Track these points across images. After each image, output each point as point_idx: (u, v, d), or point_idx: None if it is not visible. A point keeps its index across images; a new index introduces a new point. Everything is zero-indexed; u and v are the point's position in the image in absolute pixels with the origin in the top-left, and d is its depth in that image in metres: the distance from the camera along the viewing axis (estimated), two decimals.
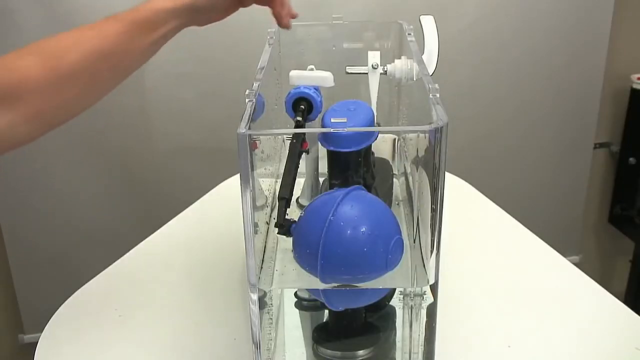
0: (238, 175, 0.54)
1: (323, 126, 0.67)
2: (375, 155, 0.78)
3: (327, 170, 0.68)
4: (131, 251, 0.98)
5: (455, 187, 1.18)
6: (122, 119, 1.59)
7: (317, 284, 0.58)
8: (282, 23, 0.81)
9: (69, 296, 0.87)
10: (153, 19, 0.70)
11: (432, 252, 0.57)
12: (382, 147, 0.85)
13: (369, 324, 0.66)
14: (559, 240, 1.08)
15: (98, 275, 0.92)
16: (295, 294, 0.68)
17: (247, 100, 0.59)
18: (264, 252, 0.65)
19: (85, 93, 0.70)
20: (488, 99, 1.80)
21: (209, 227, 1.07)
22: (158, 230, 1.04)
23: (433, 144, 0.54)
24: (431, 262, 0.58)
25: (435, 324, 0.61)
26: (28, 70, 0.65)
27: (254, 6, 0.79)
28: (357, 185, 0.62)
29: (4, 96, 0.65)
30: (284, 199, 0.60)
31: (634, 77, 1.92)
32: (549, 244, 0.98)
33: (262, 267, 0.63)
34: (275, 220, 0.60)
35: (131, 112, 1.60)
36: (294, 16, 0.82)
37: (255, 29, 0.93)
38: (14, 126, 0.66)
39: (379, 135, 0.69)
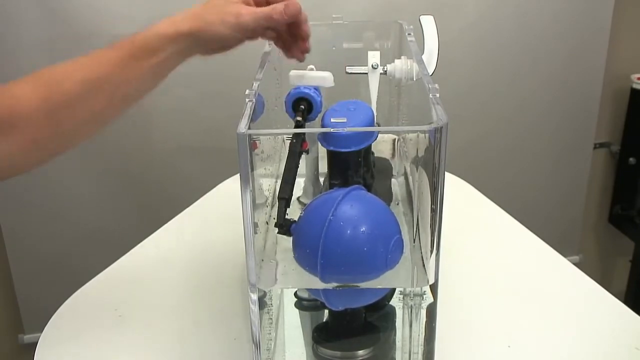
0: (238, 175, 0.54)
1: (323, 126, 0.67)
2: (375, 155, 0.77)
3: (327, 170, 0.68)
4: (131, 251, 0.98)
5: (455, 187, 1.18)
6: (122, 118, 1.58)
7: (317, 283, 0.58)
8: (297, 54, 0.76)
9: (69, 296, 0.87)
10: (150, 45, 0.68)
11: (432, 252, 0.57)
12: (382, 147, 0.85)
13: (369, 324, 0.66)
14: (559, 240, 1.08)
15: (98, 275, 0.92)
16: (295, 294, 0.68)
17: (247, 100, 0.59)
18: (264, 252, 0.65)
19: (82, 123, 0.69)
20: (488, 98, 1.80)
21: (209, 227, 1.07)
22: (158, 230, 1.04)
23: (433, 144, 0.54)
24: (431, 262, 0.58)
25: (435, 324, 0.61)
26: (23, 99, 0.64)
27: None
28: (357, 185, 0.62)
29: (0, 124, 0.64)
30: (284, 198, 0.60)
31: (634, 77, 1.92)
32: (548, 244, 0.98)
33: (262, 267, 0.63)
34: (275, 220, 0.60)
35: (131, 112, 1.57)
36: (305, 51, 0.77)
37: None
38: (11, 155, 0.66)
39: (379, 135, 0.69)
